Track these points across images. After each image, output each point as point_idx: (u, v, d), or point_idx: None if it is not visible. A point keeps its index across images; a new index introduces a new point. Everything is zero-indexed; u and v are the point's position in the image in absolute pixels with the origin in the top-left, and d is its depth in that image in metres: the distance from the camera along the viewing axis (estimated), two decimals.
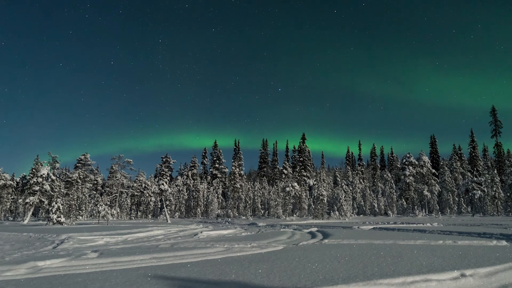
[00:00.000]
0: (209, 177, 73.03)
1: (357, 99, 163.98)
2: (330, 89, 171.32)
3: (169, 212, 53.36)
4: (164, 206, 44.95)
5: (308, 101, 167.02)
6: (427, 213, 50.85)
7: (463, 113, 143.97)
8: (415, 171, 55.37)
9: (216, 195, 60.19)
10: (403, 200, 53.18)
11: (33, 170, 41.11)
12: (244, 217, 49.83)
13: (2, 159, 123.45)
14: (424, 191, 52.20)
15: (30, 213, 38.97)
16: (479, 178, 51.17)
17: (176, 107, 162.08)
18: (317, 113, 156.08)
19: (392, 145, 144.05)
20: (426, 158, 56.53)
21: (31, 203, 37.19)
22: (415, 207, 49.91)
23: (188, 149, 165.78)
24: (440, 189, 53.46)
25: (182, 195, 58.26)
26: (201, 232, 16.74)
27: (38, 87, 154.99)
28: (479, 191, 48.35)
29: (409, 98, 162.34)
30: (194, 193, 57.64)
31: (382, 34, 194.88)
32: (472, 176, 56.97)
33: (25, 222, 36.62)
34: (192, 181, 63.54)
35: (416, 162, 56.09)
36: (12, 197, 57.85)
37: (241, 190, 54.95)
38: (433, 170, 55.75)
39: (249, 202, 54.79)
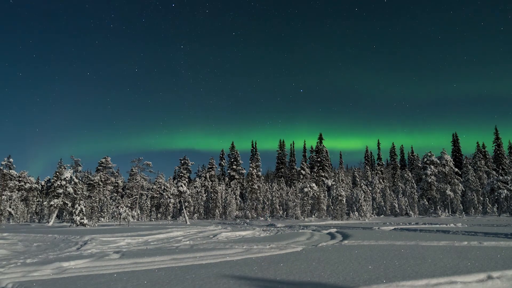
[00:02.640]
0: (227, 179, 73.38)
1: (379, 98, 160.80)
2: (352, 88, 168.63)
3: (188, 213, 53.93)
4: (183, 207, 45.46)
5: (329, 100, 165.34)
6: (450, 213, 49.46)
7: (489, 107, 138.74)
8: (437, 170, 53.95)
9: (234, 196, 60.41)
10: (425, 200, 51.91)
11: (57, 173, 42.49)
12: (262, 218, 49.81)
13: (27, 163, 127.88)
14: (447, 191, 50.78)
15: (55, 215, 40.17)
16: (505, 177, 49.39)
17: (198, 111, 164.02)
18: (337, 112, 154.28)
19: (412, 143, 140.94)
20: (448, 157, 54.99)
21: (55, 205, 38.35)
22: (438, 207, 48.63)
23: (208, 151, 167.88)
24: (463, 189, 51.91)
25: (200, 197, 58.79)
26: (220, 233, 16.83)
27: (66, 96, 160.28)
28: (505, 190, 46.71)
29: (434, 94, 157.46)
30: (213, 195, 58.05)
31: (404, 29, 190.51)
32: (497, 175, 55.08)
33: (50, 223, 37.79)
34: (210, 182, 64.02)
35: (438, 161, 54.63)
36: (37, 199, 59.96)
37: (258, 191, 54.96)
38: (456, 169, 54.18)
39: (267, 203, 54.74)
